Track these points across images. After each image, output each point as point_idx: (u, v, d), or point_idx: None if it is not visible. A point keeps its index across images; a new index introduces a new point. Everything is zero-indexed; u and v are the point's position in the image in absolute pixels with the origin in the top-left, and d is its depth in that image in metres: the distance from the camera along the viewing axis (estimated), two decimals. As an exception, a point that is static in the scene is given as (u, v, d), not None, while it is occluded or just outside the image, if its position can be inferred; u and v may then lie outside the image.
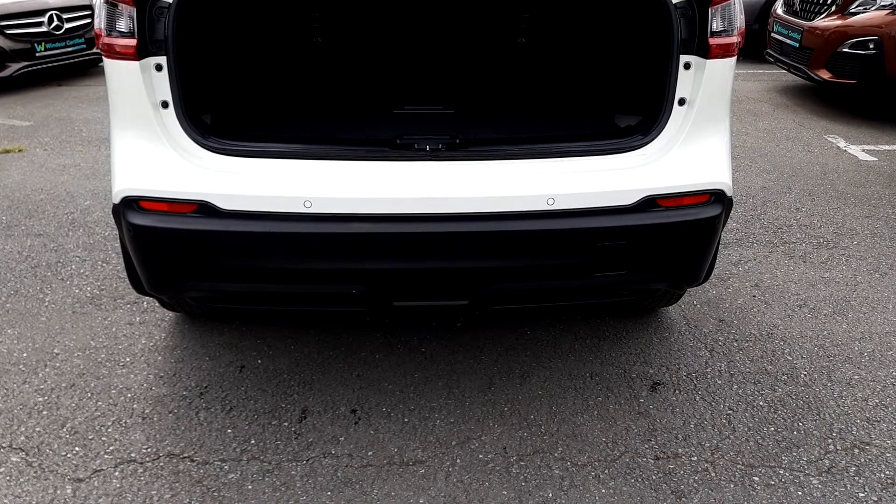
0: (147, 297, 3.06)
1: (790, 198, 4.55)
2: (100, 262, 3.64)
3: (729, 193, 2.37)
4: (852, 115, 6.34)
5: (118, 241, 3.47)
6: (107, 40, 2.20)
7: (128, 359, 2.87)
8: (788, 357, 2.93)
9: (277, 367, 2.82)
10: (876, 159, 5.27)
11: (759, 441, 2.47)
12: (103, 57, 2.25)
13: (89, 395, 2.65)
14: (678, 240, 2.35)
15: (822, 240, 3.97)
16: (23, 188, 4.66)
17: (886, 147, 5.54)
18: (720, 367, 2.86)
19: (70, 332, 3.04)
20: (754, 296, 3.39)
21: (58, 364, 2.83)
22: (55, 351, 2.91)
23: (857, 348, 2.99)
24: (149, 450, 2.39)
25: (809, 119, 6.33)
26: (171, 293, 2.52)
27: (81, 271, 3.56)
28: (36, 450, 2.38)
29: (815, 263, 3.71)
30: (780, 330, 3.12)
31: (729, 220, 4.01)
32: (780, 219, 4.23)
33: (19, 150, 5.43)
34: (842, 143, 5.63)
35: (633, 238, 2.29)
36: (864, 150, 5.45)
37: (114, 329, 3.06)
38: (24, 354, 2.89)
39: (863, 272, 3.62)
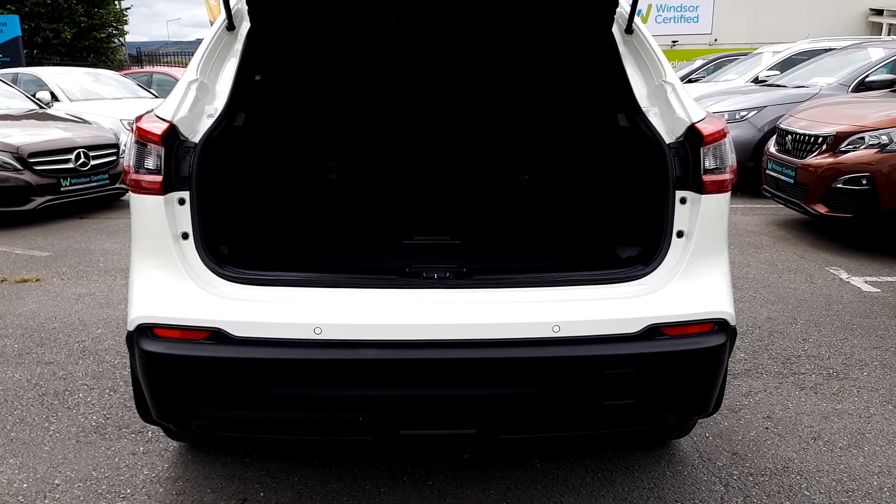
0: (152, 426, 3.04)
1: (796, 328, 4.56)
2: (107, 391, 3.64)
3: (732, 323, 2.40)
4: (851, 248, 6.46)
5: (127, 368, 3.49)
6: (135, 176, 2.34)
7: (128, 490, 2.81)
8: (806, 492, 2.84)
9: (280, 501, 2.75)
10: (879, 290, 5.32)
11: (782, 583, 2.35)
12: (130, 192, 2.38)
13: (86, 528, 2.58)
14: (684, 368, 2.36)
15: (831, 371, 3.94)
16: (37, 317, 4.74)
17: (889, 279, 5.61)
18: (736, 502, 2.77)
19: (72, 462, 2.99)
20: (767, 428, 3.33)
21: (57, 496, 2.77)
22: (56, 482, 2.86)
23: (875, 483, 2.90)
24: (143, 588, 2.29)
25: (810, 251, 6.45)
26: (179, 420, 2.51)
27: (88, 400, 3.55)
28: (26, 587, 2.29)
29: (826, 395, 3.67)
30: (796, 463, 3.04)
31: (736, 350, 4.01)
32: (787, 349, 4.22)
33: (37, 280, 5.57)
34: (844, 275, 5.70)
35: (640, 366, 2.31)
36: (866, 282, 5.51)
37: (116, 459, 3.02)
38: (25, 485, 2.84)
39: (875, 404, 3.57)
